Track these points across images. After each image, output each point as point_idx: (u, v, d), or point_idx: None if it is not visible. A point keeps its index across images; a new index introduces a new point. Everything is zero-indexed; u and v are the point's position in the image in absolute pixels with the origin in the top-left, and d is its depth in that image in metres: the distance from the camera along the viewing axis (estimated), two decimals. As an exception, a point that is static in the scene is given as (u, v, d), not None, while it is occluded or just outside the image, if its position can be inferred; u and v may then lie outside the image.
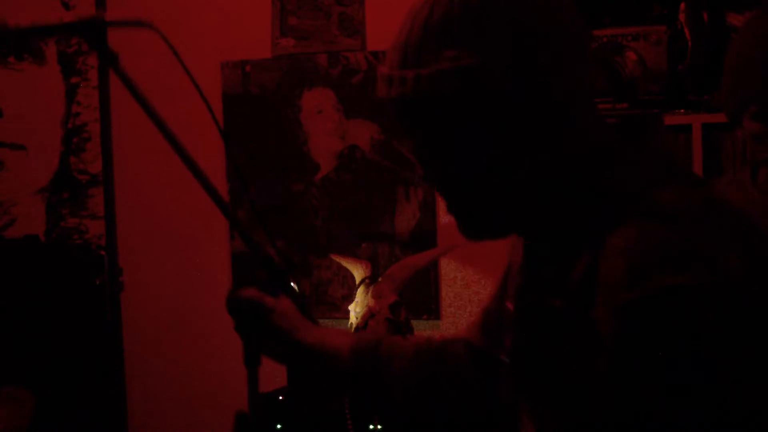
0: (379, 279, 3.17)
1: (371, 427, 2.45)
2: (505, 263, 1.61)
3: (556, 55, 1.21)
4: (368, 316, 3.06)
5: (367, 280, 3.20)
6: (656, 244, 1.15)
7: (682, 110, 2.87)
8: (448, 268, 3.43)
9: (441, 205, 3.43)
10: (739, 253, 1.15)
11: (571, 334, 1.22)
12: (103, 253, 3.66)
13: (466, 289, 3.42)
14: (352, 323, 2.94)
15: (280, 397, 2.73)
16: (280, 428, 2.53)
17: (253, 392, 1.58)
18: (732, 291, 1.12)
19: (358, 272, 3.22)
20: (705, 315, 1.10)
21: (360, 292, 3.17)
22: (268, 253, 1.56)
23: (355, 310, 3.10)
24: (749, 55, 1.81)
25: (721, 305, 1.11)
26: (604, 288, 1.17)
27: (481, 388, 1.59)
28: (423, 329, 3.32)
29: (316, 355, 1.60)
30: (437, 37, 1.22)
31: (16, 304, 3.68)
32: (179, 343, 3.68)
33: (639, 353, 1.12)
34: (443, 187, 1.33)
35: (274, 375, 1.89)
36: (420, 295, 3.42)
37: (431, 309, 3.44)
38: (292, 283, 1.62)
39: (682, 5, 2.80)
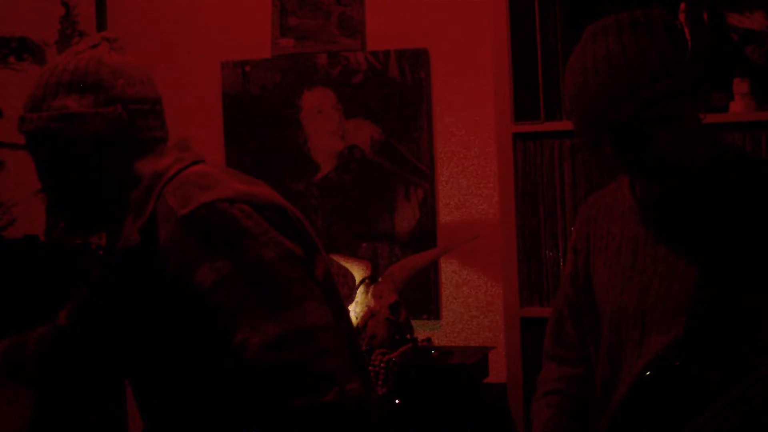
0: (379, 279, 3.17)
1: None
2: None
3: (130, 111, 1.82)
4: (368, 316, 3.06)
5: (367, 280, 3.20)
6: (188, 184, 1.76)
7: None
8: (448, 268, 3.43)
9: (441, 205, 3.44)
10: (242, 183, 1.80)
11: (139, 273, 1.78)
12: (102, 253, 3.66)
13: (466, 289, 3.42)
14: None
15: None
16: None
17: None
18: (247, 199, 1.74)
19: (358, 272, 3.22)
20: (233, 211, 1.71)
21: (360, 292, 3.18)
22: None
23: (355, 311, 3.10)
24: (589, 91, 1.84)
25: (242, 206, 1.72)
26: (162, 219, 1.74)
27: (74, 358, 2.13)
28: (423, 329, 3.32)
29: None
30: (52, 92, 1.83)
31: (16, 304, 3.68)
32: (179, 343, 3.68)
33: (197, 246, 1.70)
34: (55, 199, 1.89)
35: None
36: (420, 295, 3.42)
37: (431, 309, 3.44)
38: None
39: (682, 5, 2.80)
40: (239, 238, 1.71)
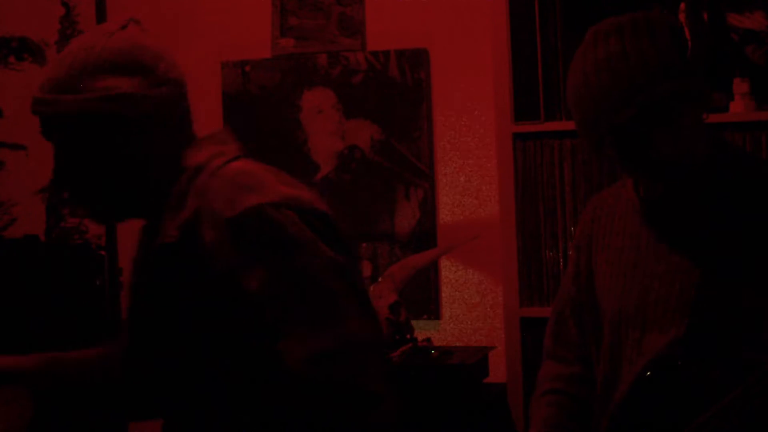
0: (379, 279, 3.17)
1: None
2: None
3: (174, 94, 1.77)
4: (368, 316, 3.06)
5: (367, 280, 3.20)
6: (233, 183, 1.73)
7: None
8: (448, 268, 3.43)
9: (441, 205, 3.44)
10: (282, 183, 1.75)
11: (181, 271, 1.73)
12: (103, 253, 3.66)
13: (466, 289, 3.42)
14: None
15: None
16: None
17: None
18: (293, 204, 1.71)
19: (358, 272, 3.22)
20: (280, 218, 1.68)
21: (360, 292, 3.17)
22: None
23: (355, 310, 3.10)
24: (590, 95, 1.85)
25: (288, 212, 1.69)
26: (207, 219, 1.70)
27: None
28: (423, 329, 3.32)
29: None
30: (90, 72, 1.73)
31: (16, 303, 3.68)
32: (179, 343, 3.68)
33: (246, 249, 1.67)
34: (78, 188, 1.79)
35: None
36: (420, 295, 3.42)
37: (431, 309, 3.44)
38: None
39: (682, 5, 2.80)
40: (285, 246, 1.68)
